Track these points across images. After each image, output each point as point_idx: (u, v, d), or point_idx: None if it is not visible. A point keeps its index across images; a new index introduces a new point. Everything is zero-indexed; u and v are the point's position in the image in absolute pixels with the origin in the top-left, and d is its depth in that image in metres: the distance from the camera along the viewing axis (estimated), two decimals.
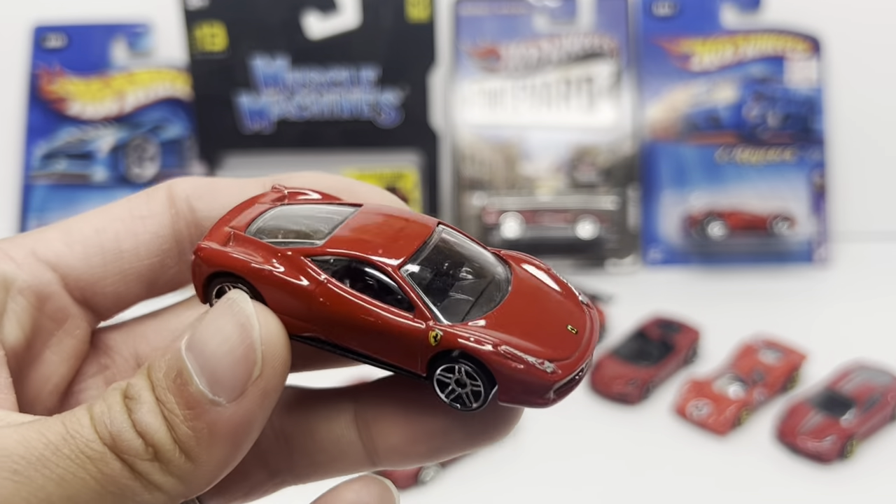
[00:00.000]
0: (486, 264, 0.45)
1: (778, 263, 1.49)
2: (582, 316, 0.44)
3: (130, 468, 0.39)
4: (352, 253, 0.43)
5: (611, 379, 1.20)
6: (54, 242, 0.47)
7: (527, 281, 0.45)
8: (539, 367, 0.40)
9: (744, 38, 1.52)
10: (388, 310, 0.42)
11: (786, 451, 1.10)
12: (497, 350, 0.40)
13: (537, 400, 0.41)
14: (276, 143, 1.49)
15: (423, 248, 0.43)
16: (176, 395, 0.40)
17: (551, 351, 0.41)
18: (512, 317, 0.42)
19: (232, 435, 0.40)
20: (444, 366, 0.41)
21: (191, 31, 1.46)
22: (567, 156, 1.51)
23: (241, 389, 0.40)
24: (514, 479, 1.08)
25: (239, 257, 0.44)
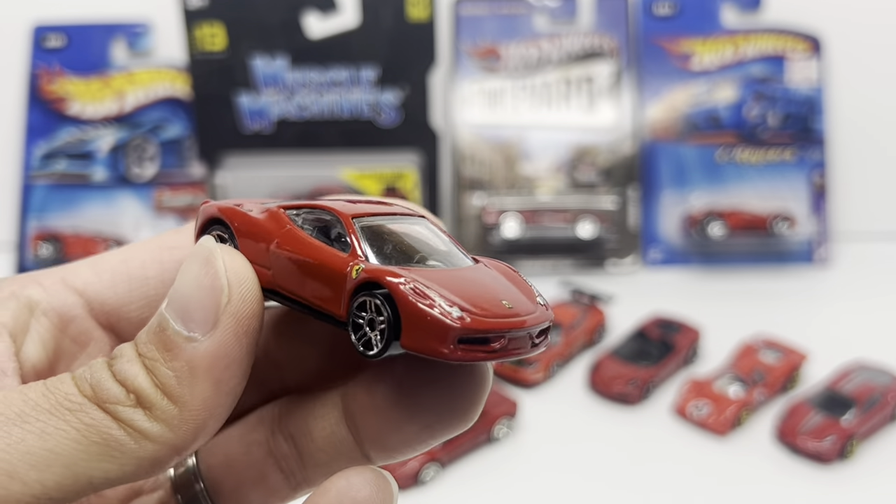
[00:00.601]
0: (445, 253, 0.45)
1: (778, 263, 1.49)
2: (528, 304, 0.42)
3: (113, 416, 0.39)
4: (319, 203, 0.45)
5: (611, 379, 1.20)
6: (83, 271, 0.48)
7: (481, 268, 0.44)
8: (444, 308, 0.39)
9: (744, 37, 1.52)
10: (328, 248, 0.43)
11: (786, 451, 1.10)
12: (405, 283, 0.40)
13: (439, 348, 0.39)
14: (275, 143, 1.49)
15: (389, 218, 0.45)
16: (155, 343, 0.41)
17: (468, 304, 0.40)
18: (443, 277, 0.41)
19: (211, 368, 0.40)
20: (357, 301, 0.41)
21: (191, 31, 1.46)
22: (567, 156, 1.51)
23: (214, 319, 0.40)
24: (514, 478, 1.08)
25: (226, 205, 0.47)
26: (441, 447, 1.07)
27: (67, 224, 1.49)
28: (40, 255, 1.46)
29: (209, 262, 0.41)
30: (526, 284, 0.44)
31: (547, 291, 1.48)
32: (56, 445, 0.37)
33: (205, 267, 0.41)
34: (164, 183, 1.51)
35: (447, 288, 0.40)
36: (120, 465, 0.39)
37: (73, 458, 0.38)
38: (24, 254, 1.49)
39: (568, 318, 1.29)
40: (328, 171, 1.47)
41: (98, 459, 0.38)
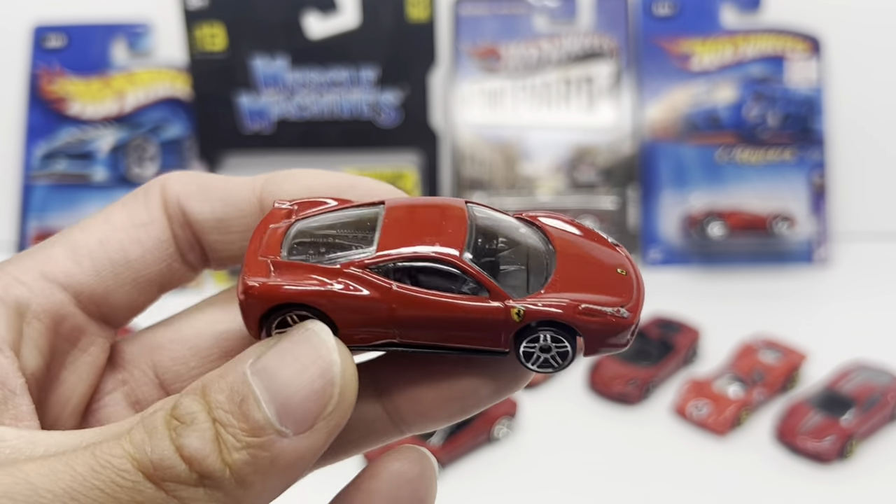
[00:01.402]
0: (520, 233, 0.46)
1: (778, 263, 1.49)
2: (621, 257, 0.47)
3: (171, 494, 0.37)
4: (411, 253, 0.43)
5: (611, 379, 1.20)
6: (62, 261, 0.46)
7: (564, 238, 0.46)
8: (617, 316, 0.43)
9: (744, 38, 1.52)
10: (463, 299, 0.42)
11: (785, 450, 1.10)
12: (578, 310, 0.43)
13: (618, 344, 0.44)
14: (276, 143, 1.49)
15: (470, 232, 0.44)
16: (239, 420, 0.38)
17: (618, 297, 0.44)
18: (570, 276, 0.44)
19: (292, 467, 0.38)
20: (529, 337, 0.43)
21: (191, 31, 1.46)
22: (567, 156, 1.51)
23: (312, 423, 0.38)
24: (514, 478, 1.08)
25: (298, 287, 0.42)
26: (441, 447, 1.07)
27: (68, 224, 1.49)
28: None
29: (326, 364, 0.39)
30: (594, 232, 0.49)
31: None
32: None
33: (321, 368, 0.39)
34: None
35: (590, 289, 0.44)
36: None
37: None
38: None
39: None
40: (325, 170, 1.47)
41: None
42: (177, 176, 0.49)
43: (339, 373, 0.39)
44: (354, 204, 0.47)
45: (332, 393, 0.39)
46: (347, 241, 0.44)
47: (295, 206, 0.47)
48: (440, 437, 1.07)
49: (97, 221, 0.47)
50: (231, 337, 0.49)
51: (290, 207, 0.47)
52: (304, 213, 0.46)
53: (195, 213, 0.48)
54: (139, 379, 0.49)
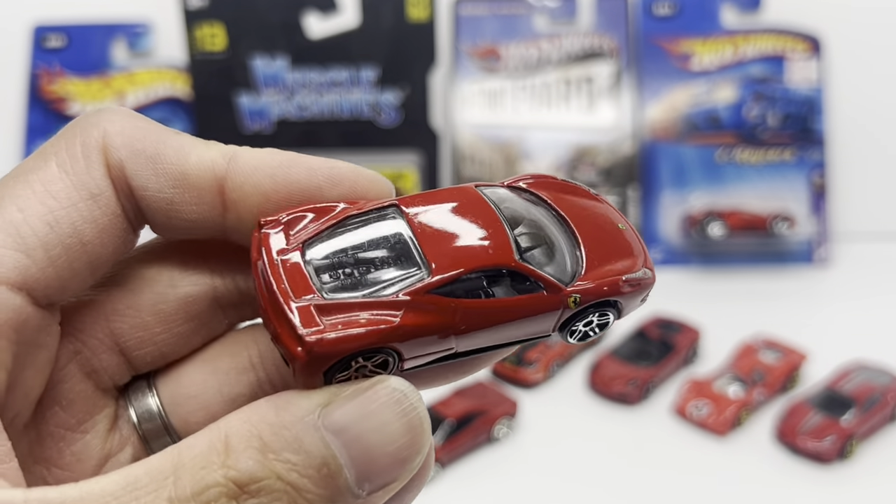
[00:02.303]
0: (535, 211, 0.46)
1: (778, 263, 1.49)
2: (610, 208, 0.48)
3: None
4: (473, 267, 0.41)
5: (611, 379, 1.20)
6: (11, 255, 0.39)
7: (567, 205, 0.47)
8: (645, 279, 0.47)
9: (744, 38, 1.52)
10: (524, 299, 0.42)
11: (786, 450, 1.10)
12: (621, 284, 0.45)
13: (643, 301, 0.48)
14: (276, 143, 1.48)
15: (506, 225, 0.43)
16: (321, 488, 0.36)
17: (636, 258, 0.47)
18: (596, 249, 0.45)
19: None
20: (579, 318, 0.44)
21: (191, 31, 1.46)
22: (567, 156, 1.51)
23: (385, 485, 0.37)
24: (514, 478, 1.08)
25: (368, 331, 0.38)
26: (441, 447, 1.07)
27: None
28: None
29: (416, 435, 0.38)
30: (579, 188, 0.49)
31: None
32: None
33: (411, 440, 0.37)
34: None
35: (614, 257, 0.46)
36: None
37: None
38: None
39: None
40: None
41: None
42: (117, 129, 0.41)
43: (427, 443, 0.38)
44: (360, 212, 0.43)
45: (415, 464, 0.38)
46: (386, 263, 0.41)
47: (284, 221, 0.42)
48: (440, 437, 1.07)
49: (34, 191, 0.40)
50: (197, 300, 0.46)
51: (278, 219, 0.42)
52: (302, 230, 0.42)
53: (142, 190, 0.42)
54: (95, 347, 0.45)
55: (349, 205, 0.43)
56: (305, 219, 0.42)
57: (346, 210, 0.43)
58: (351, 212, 0.43)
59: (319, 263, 0.40)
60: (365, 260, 0.41)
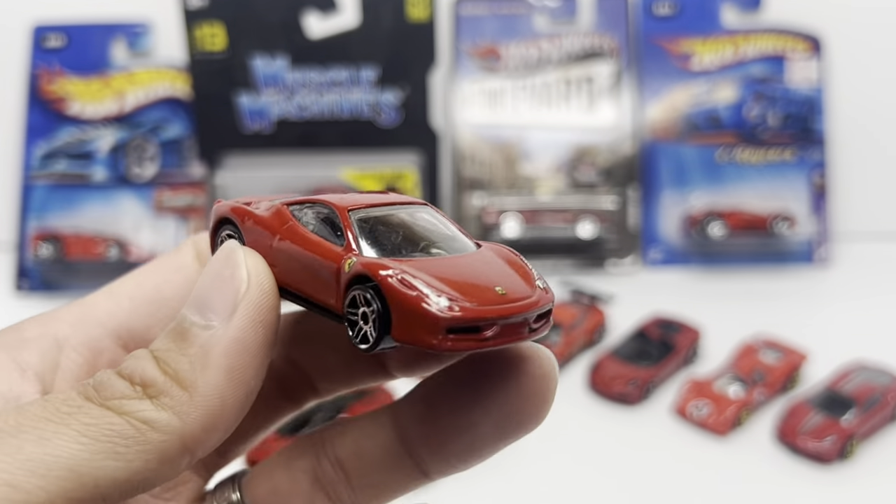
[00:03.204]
0: (448, 238, 0.44)
1: (778, 263, 1.49)
2: (524, 289, 0.41)
3: (116, 411, 0.37)
4: (318, 198, 0.45)
5: (611, 379, 1.20)
6: (102, 303, 0.48)
7: (481, 253, 0.44)
8: (431, 298, 0.38)
9: (744, 38, 1.52)
10: (326, 243, 0.43)
11: (786, 451, 1.10)
12: (394, 274, 0.39)
13: (428, 338, 0.38)
14: (276, 143, 1.49)
15: (389, 208, 0.45)
16: (171, 337, 0.40)
17: (457, 293, 0.39)
18: (437, 265, 0.41)
19: (226, 353, 0.39)
20: (350, 295, 0.41)
21: (191, 31, 1.46)
22: (567, 156, 1.51)
23: (232, 308, 0.40)
24: (514, 478, 1.08)
25: (235, 204, 0.47)
26: None
27: (67, 224, 1.49)
28: (40, 255, 1.46)
29: (230, 256, 0.42)
30: (525, 268, 0.43)
31: None
32: (55, 448, 0.35)
33: (225, 261, 0.41)
34: (165, 183, 1.51)
35: (439, 276, 0.40)
36: (126, 463, 0.36)
37: (76, 460, 0.35)
38: (24, 254, 1.49)
39: (568, 318, 1.29)
40: (328, 171, 1.47)
41: (102, 458, 0.36)
42: (205, 235, 0.51)
43: (242, 260, 0.41)
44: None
45: (241, 276, 0.41)
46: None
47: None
48: None
49: (133, 273, 0.50)
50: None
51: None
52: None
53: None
54: None
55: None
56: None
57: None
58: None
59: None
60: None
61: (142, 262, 1.46)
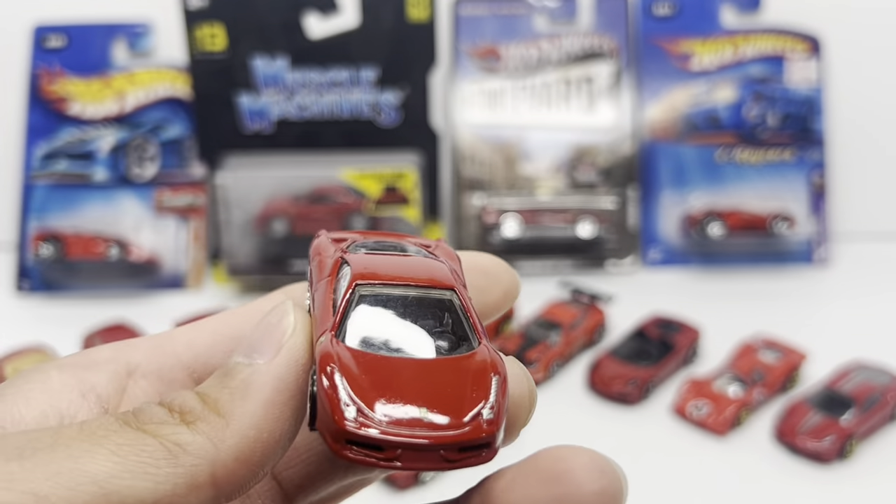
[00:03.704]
0: (437, 337, 0.42)
1: (778, 263, 1.49)
2: (455, 417, 0.38)
3: (152, 434, 0.37)
4: (342, 257, 0.45)
5: (610, 379, 1.20)
6: (182, 334, 0.48)
7: (447, 362, 0.40)
8: (342, 404, 0.37)
9: (743, 38, 1.52)
10: (328, 310, 0.42)
11: (785, 450, 1.11)
12: (328, 370, 0.38)
13: (331, 441, 0.37)
14: (276, 143, 1.49)
15: (403, 288, 0.42)
16: (215, 376, 0.40)
17: (370, 407, 0.37)
18: (385, 369, 0.39)
19: (266, 388, 0.39)
20: (312, 376, 0.40)
21: (191, 31, 1.46)
22: (567, 156, 1.51)
23: (276, 349, 0.41)
24: None
25: (321, 240, 0.50)
26: None
27: (68, 224, 1.49)
28: (41, 255, 1.47)
29: (280, 307, 0.43)
30: (485, 390, 0.39)
31: (547, 291, 1.47)
32: (85, 465, 0.35)
33: (273, 310, 0.42)
34: (165, 183, 1.52)
35: (371, 383, 0.38)
36: (154, 484, 0.36)
37: (104, 477, 0.35)
38: (25, 254, 1.49)
39: (568, 318, 1.29)
40: (328, 172, 1.47)
41: (131, 477, 0.35)
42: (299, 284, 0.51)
43: (289, 309, 0.42)
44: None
45: (287, 322, 0.41)
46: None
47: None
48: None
49: (223, 312, 0.50)
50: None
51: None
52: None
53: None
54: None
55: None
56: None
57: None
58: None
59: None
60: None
61: (142, 262, 1.48)
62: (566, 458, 0.41)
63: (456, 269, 0.46)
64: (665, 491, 1.06)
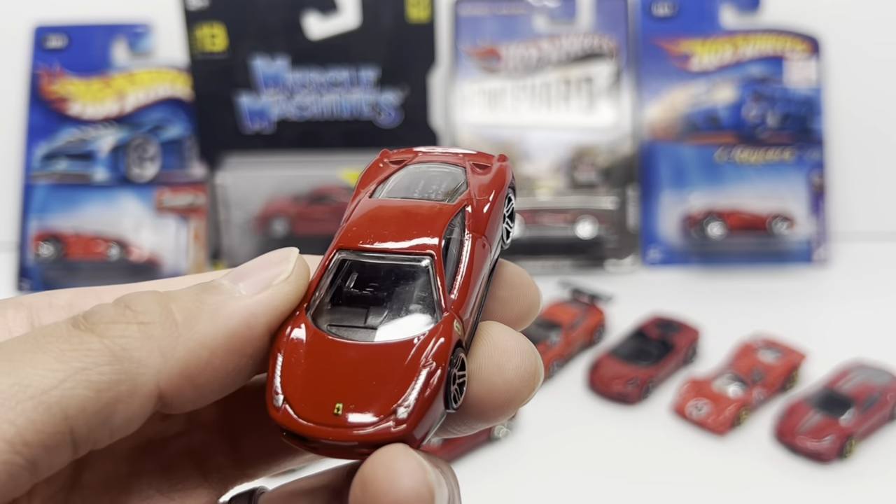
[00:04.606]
0: (392, 315, 0.42)
1: (777, 263, 1.49)
2: (369, 413, 0.38)
3: (99, 335, 0.35)
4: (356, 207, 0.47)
5: (610, 379, 1.20)
6: (148, 284, 0.44)
7: (386, 348, 0.40)
8: (274, 391, 0.38)
9: (743, 38, 1.52)
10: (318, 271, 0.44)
11: (785, 450, 1.11)
12: (274, 352, 0.39)
13: (272, 426, 0.39)
14: (276, 143, 1.49)
15: (381, 255, 0.42)
16: (195, 290, 0.38)
17: (294, 398, 0.38)
18: (321, 356, 0.39)
19: (235, 317, 0.38)
20: None
21: (191, 31, 1.46)
22: (567, 156, 1.51)
23: (264, 286, 0.39)
24: (514, 478, 1.08)
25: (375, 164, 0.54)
26: (440, 447, 1.07)
27: (68, 224, 1.49)
28: (41, 255, 1.47)
29: (285, 250, 0.41)
30: (411, 381, 0.38)
31: (547, 291, 1.47)
32: (25, 377, 0.33)
33: (280, 251, 0.41)
34: (165, 183, 1.52)
35: (308, 370, 0.39)
36: (96, 392, 0.34)
37: (44, 389, 0.33)
38: (25, 254, 1.49)
39: (568, 318, 1.29)
40: (328, 172, 1.47)
41: (72, 386, 0.34)
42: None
43: (294, 256, 0.40)
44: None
45: (286, 267, 0.40)
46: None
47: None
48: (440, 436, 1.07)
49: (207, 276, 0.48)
50: None
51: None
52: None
53: None
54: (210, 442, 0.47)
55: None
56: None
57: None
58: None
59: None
60: None
61: (142, 262, 1.48)
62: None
63: (476, 204, 0.44)
64: (664, 490, 1.06)
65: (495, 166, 0.47)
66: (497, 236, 0.45)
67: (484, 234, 0.43)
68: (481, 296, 0.43)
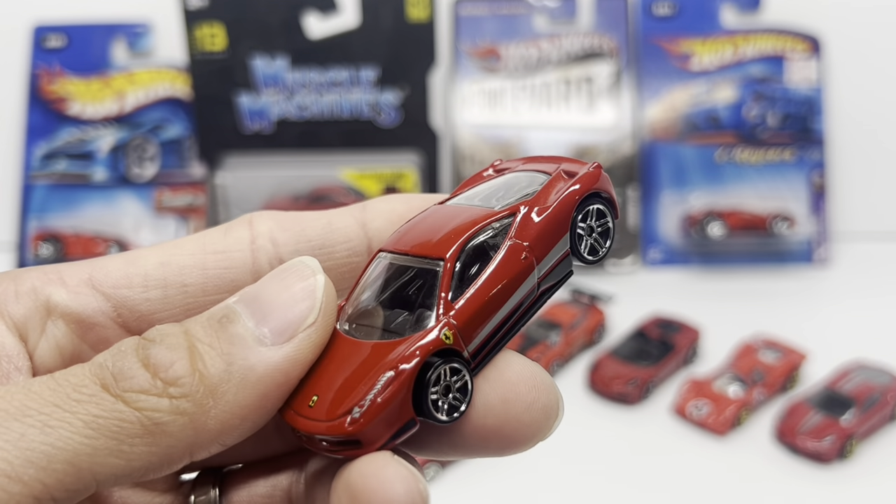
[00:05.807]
0: (392, 317, 0.42)
1: (778, 263, 1.49)
2: (334, 408, 0.38)
3: (131, 405, 0.35)
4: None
5: (610, 379, 1.20)
6: (114, 272, 0.43)
7: (371, 349, 0.40)
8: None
9: (743, 38, 1.52)
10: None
11: (785, 450, 1.10)
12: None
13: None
14: (276, 143, 1.49)
15: (408, 257, 0.43)
16: (217, 331, 0.37)
17: (304, 391, 0.39)
18: (326, 357, 0.41)
19: (265, 378, 0.37)
20: None
21: (191, 31, 1.46)
22: (567, 155, 1.51)
23: (291, 333, 0.38)
24: (513, 478, 1.08)
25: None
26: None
27: (68, 224, 1.49)
28: (40, 255, 1.47)
29: (311, 280, 0.39)
30: (373, 384, 0.38)
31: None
32: (58, 440, 0.34)
33: (304, 281, 0.39)
34: (165, 183, 1.52)
35: (317, 365, 0.40)
36: (128, 461, 0.35)
37: (77, 454, 0.34)
38: (25, 254, 1.49)
39: (568, 318, 1.29)
40: (328, 171, 1.47)
41: (105, 454, 0.34)
42: (268, 212, 0.46)
43: (322, 285, 0.39)
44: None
45: (314, 305, 0.39)
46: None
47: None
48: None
49: (169, 244, 0.45)
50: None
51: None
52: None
53: (288, 245, 0.45)
54: None
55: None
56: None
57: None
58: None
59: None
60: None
61: None
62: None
63: (532, 210, 0.43)
64: (665, 490, 1.06)
65: (580, 173, 0.45)
66: (555, 247, 0.44)
67: (527, 242, 0.42)
68: (515, 306, 0.42)
